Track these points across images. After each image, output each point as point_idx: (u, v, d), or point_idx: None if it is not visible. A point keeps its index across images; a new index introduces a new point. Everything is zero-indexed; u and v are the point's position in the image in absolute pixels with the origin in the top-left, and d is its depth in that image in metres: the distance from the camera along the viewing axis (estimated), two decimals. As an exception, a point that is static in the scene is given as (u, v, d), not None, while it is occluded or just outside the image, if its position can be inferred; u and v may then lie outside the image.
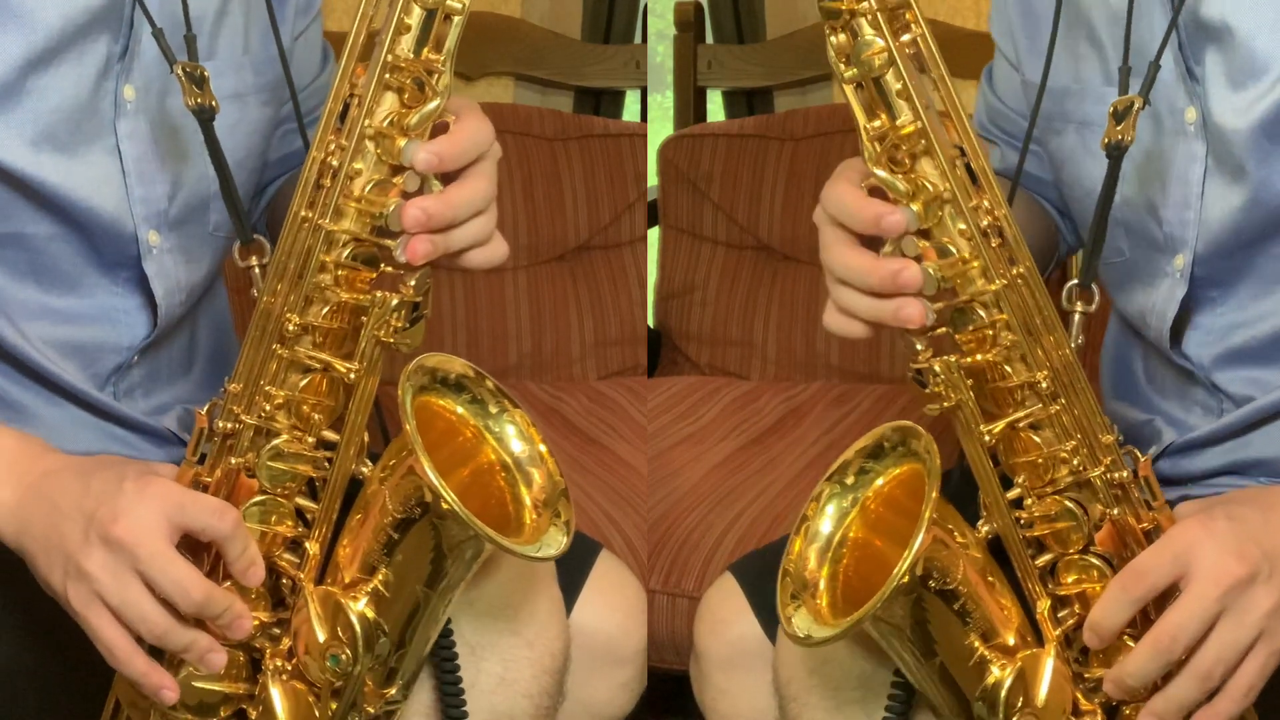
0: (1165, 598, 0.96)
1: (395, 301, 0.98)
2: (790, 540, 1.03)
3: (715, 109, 2.66)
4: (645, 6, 2.54)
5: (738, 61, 2.58)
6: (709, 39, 2.63)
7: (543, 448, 1.04)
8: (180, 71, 0.98)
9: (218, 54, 1.14)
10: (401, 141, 0.96)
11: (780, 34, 2.55)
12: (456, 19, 0.95)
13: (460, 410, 1.04)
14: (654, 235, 2.48)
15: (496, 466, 1.04)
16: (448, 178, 0.99)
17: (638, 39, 2.55)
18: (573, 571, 1.21)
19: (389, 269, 0.99)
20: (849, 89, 0.94)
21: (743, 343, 2.36)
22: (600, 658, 1.22)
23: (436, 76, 0.96)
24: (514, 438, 1.04)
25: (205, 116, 0.99)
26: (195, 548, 0.98)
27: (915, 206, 0.95)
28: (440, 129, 0.98)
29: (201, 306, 1.23)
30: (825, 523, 1.04)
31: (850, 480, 1.04)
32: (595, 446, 2.06)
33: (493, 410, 1.04)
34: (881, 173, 0.95)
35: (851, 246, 0.98)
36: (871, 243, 0.98)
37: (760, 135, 2.40)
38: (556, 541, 1.01)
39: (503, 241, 1.02)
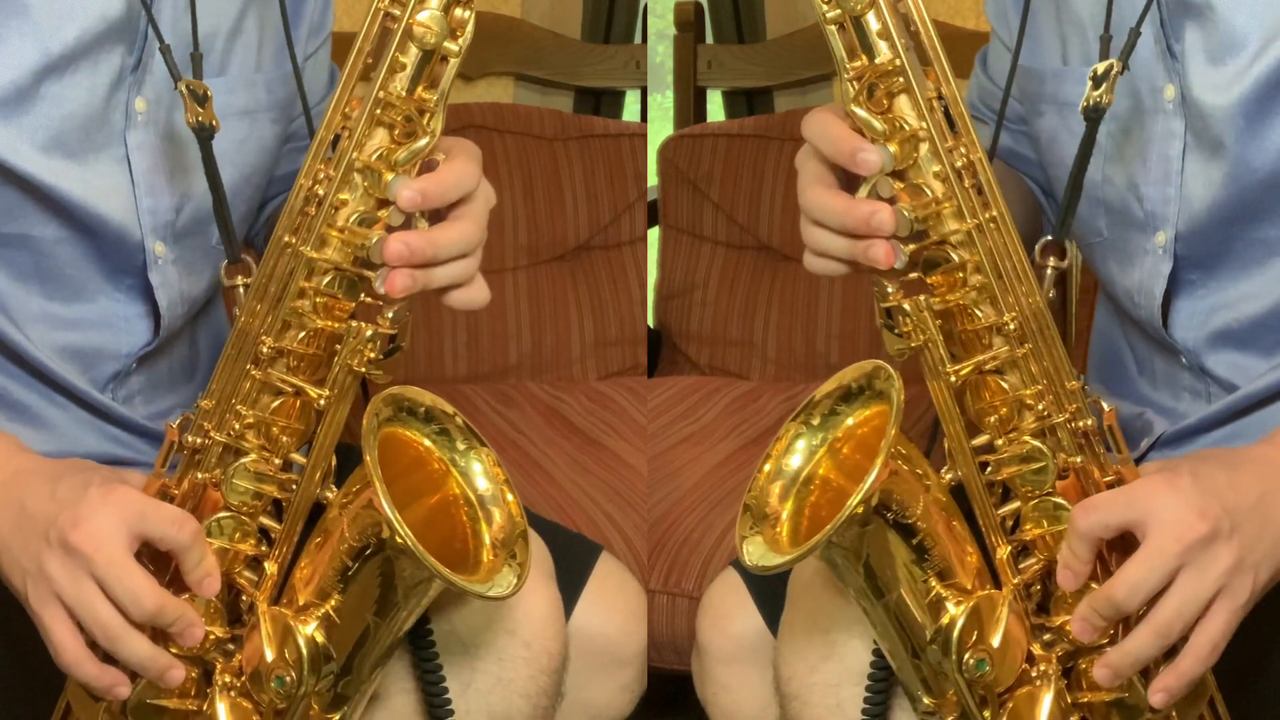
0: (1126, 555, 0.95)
1: (370, 333, 0.98)
2: (753, 476, 1.03)
3: (715, 109, 2.66)
4: (645, 6, 2.54)
5: (738, 61, 2.58)
6: (709, 39, 2.63)
7: (510, 494, 1.04)
8: (184, 89, 0.98)
9: (230, 70, 1.14)
10: (389, 176, 0.96)
11: (780, 34, 2.55)
12: (452, 61, 0.96)
13: (428, 443, 1.04)
14: (654, 235, 2.48)
15: (460, 501, 1.04)
16: (436, 217, 0.99)
17: (638, 39, 2.55)
18: (573, 573, 1.21)
19: (369, 300, 0.99)
20: (831, 30, 0.95)
21: (743, 343, 2.36)
22: (600, 660, 1.22)
23: (428, 116, 0.96)
24: (479, 475, 1.04)
25: (204, 135, 0.99)
26: (157, 558, 0.98)
27: (892, 147, 0.95)
28: (429, 168, 0.98)
29: (202, 317, 1.23)
30: (794, 458, 1.03)
31: (816, 421, 1.03)
32: (595, 446, 2.06)
33: (460, 446, 1.04)
34: (860, 111, 0.96)
35: (829, 188, 0.99)
36: (849, 184, 0.98)
37: (760, 135, 2.39)
38: (507, 583, 1.01)
39: (485, 286, 1.02)
